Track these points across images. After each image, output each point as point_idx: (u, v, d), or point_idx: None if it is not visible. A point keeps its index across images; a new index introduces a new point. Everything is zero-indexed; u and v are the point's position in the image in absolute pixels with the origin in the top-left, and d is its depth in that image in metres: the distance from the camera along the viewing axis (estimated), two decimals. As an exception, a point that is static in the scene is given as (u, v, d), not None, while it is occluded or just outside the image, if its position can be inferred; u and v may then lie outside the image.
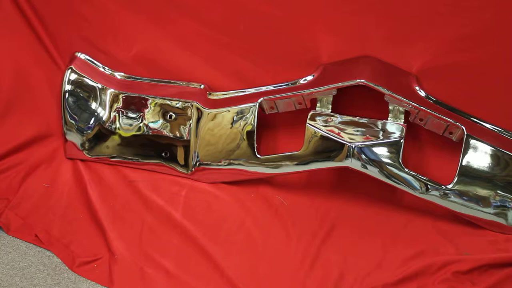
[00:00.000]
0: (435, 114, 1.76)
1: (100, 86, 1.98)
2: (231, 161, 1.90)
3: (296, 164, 1.81)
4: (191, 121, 1.92)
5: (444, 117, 1.76)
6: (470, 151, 1.76)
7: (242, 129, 1.88)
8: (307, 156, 1.79)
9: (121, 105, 1.97)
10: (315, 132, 1.78)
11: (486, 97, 1.81)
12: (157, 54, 2.00)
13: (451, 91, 1.81)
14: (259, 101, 1.86)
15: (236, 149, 1.89)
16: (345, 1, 1.81)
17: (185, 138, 1.92)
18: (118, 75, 2.01)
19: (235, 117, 1.89)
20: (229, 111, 1.91)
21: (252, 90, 1.92)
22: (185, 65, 1.99)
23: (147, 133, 1.96)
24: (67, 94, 1.96)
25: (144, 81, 2.00)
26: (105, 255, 1.71)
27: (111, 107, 1.97)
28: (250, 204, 1.85)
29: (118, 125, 1.96)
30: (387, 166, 1.74)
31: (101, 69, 2.01)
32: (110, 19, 1.98)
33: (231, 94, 1.94)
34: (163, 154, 1.95)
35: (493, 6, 1.72)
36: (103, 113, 1.97)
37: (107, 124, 1.97)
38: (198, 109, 1.92)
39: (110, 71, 2.01)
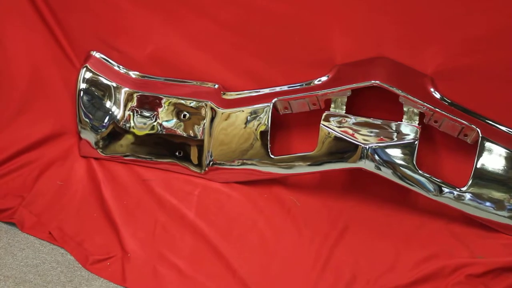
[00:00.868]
0: (450, 116, 1.74)
1: (114, 84, 1.99)
2: (245, 161, 1.90)
3: (310, 165, 1.81)
4: (205, 121, 1.92)
5: (459, 119, 1.75)
6: (485, 154, 1.74)
7: (256, 129, 1.88)
8: (320, 156, 1.79)
9: (135, 104, 1.98)
10: (329, 133, 1.77)
11: (501, 99, 1.80)
12: (171, 54, 2.01)
13: (466, 93, 1.80)
14: (273, 101, 1.86)
15: (250, 149, 1.89)
16: (359, 1, 1.81)
17: (199, 137, 1.93)
18: (133, 74, 2.01)
19: (248, 117, 1.89)
20: (243, 111, 1.91)
21: (266, 90, 1.91)
22: (199, 65, 1.99)
23: (161, 132, 1.96)
24: (81, 92, 1.97)
25: (158, 80, 2.01)
26: (118, 253, 1.72)
27: (125, 106, 1.98)
28: (263, 204, 1.85)
29: (132, 124, 1.97)
30: (401, 167, 1.73)
31: (116, 68, 2.02)
32: (124, 18, 1.99)
33: (245, 94, 1.94)
34: (177, 153, 1.95)
35: (508, 8, 1.71)
36: (118, 112, 1.98)
37: (121, 122, 1.97)
38: (212, 108, 1.92)
39: (124, 70, 2.02)
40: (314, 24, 1.86)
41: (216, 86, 1.96)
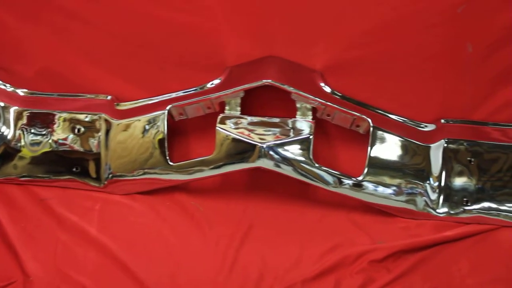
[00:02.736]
0: (341, 108, 1.79)
1: (2, 104, 1.92)
2: (145, 170, 1.87)
3: (210, 169, 1.81)
4: (100, 134, 1.89)
5: (350, 111, 1.80)
6: (378, 143, 1.80)
7: (154, 138, 1.86)
8: (219, 159, 1.79)
9: (26, 122, 1.91)
10: (226, 136, 1.78)
11: (389, 90, 1.86)
12: (61, 68, 1.95)
13: (356, 85, 1.85)
14: (167, 108, 1.85)
15: (150, 158, 1.87)
16: (248, 4, 1.83)
17: (95, 151, 1.89)
18: (21, 91, 1.94)
19: (146, 126, 1.87)
20: (139, 120, 1.89)
21: (161, 98, 1.90)
22: (92, 78, 1.95)
23: (56, 149, 1.91)
24: (-35, 116, 1.89)
25: (50, 96, 1.95)
26: (20, 278, 1.65)
27: (15, 125, 1.91)
28: (166, 212, 1.83)
29: (24, 143, 1.91)
30: (299, 163, 1.76)
31: (2, 86, 1.94)
32: (9, 34, 1.92)
33: (140, 103, 1.92)
34: (74, 169, 1.90)
35: (391, 1, 1.77)
36: (8, 132, 1.91)
37: (12, 143, 1.91)
38: (106, 120, 1.89)
39: (12, 88, 1.94)
40: (205, 29, 1.86)
41: (109, 97, 1.92)
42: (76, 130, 1.90)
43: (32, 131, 1.91)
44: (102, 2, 1.86)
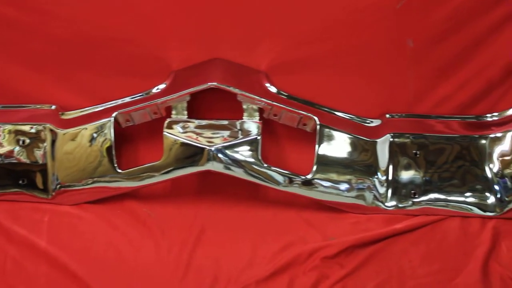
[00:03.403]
0: (288, 108, 1.81)
1: None
2: (95, 179, 1.85)
3: (159, 174, 1.80)
4: (45, 144, 1.85)
5: (296, 110, 1.81)
6: (325, 140, 1.82)
7: (102, 146, 1.84)
8: (168, 164, 1.79)
9: (-33, 136, 1.87)
10: (174, 140, 1.78)
11: (334, 87, 1.89)
12: (4, 79, 1.92)
13: (301, 84, 1.87)
14: (113, 115, 1.83)
15: (99, 167, 1.85)
16: (190, 8, 1.82)
17: (41, 162, 1.85)
18: (-41, 106, 1.91)
19: (93, 134, 1.85)
20: (86, 128, 1.86)
21: (106, 105, 1.88)
22: (36, 88, 1.92)
23: (1, 162, 1.86)
24: None
25: (-8, 108, 1.91)
26: (-32, 296, 1.62)
27: (-44, 140, 1.87)
28: (116, 220, 1.81)
29: (-33, 158, 1.87)
30: (248, 164, 1.77)
31: None
32: None
33: (85, 111, 1.90)
34: (21, 182, 1.86)
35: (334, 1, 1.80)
36: None
37: (-47, 159, 1.86)
38: (51, 130, 1.85)
39: (-51, 103, 1.90)
40: (149, 35, 1.85)
41: (53, 107, 1.89)
42: (21, 142, 1.86)
43: (-25, 145, 1.87)
44: (41, 10, 1.84)
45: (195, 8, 1.83)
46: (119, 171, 1.82)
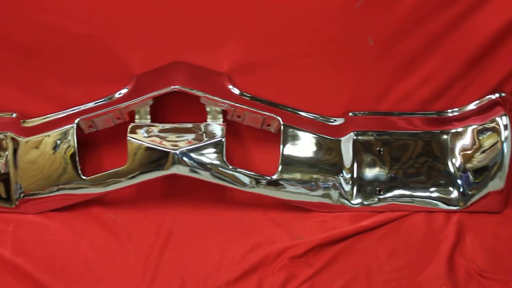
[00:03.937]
0: (251, 109, 1.81)
1: None
2: (59, 186, 1.83)
3: (125, 179, 1.79)
4: (7, 153, 1.83)
5: (260, 111, 1.82)
6: (290, 140, 1.83)
7: (65, 153, 1.82)
8: (133, 169, 1.78)
9: None
10: (138, 145, 1.77)
11: (298, 87, 1.89)
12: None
13: (264, 85, 1.87)
14: (76, 121, 1.82)
15: (63, 174, 1.83)
16: (149, 11, 1.81)
17: (3, 171, 1.83)
18: None
19: (57, 141, 1.83)
20: (49, 136, 1.84)
21: (68, 111, 1.86)
22: (-4, 95, 1.89)
23: (-36, 173, 1.84)
24: None
25: (-48, 120, 1.88)
26: None
27: None
28: (82, 227, 1.79)
29: None
30: (214, 166, 1.77)
31: None
32: None
33: (47, 118, 1.87)
34: (-17, 192, 1.84)
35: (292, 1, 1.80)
36: None
37: None
38: (13, 139, 1.83)
39: None
40: (110, 40, 1.83)
41: (14, 115, 1.86)
42: (-18, 151, 1.84)
43: None
44: (1, 17, 1.81)
45: (156, 11, 1.81)
46: (84, 177, 1.80)
